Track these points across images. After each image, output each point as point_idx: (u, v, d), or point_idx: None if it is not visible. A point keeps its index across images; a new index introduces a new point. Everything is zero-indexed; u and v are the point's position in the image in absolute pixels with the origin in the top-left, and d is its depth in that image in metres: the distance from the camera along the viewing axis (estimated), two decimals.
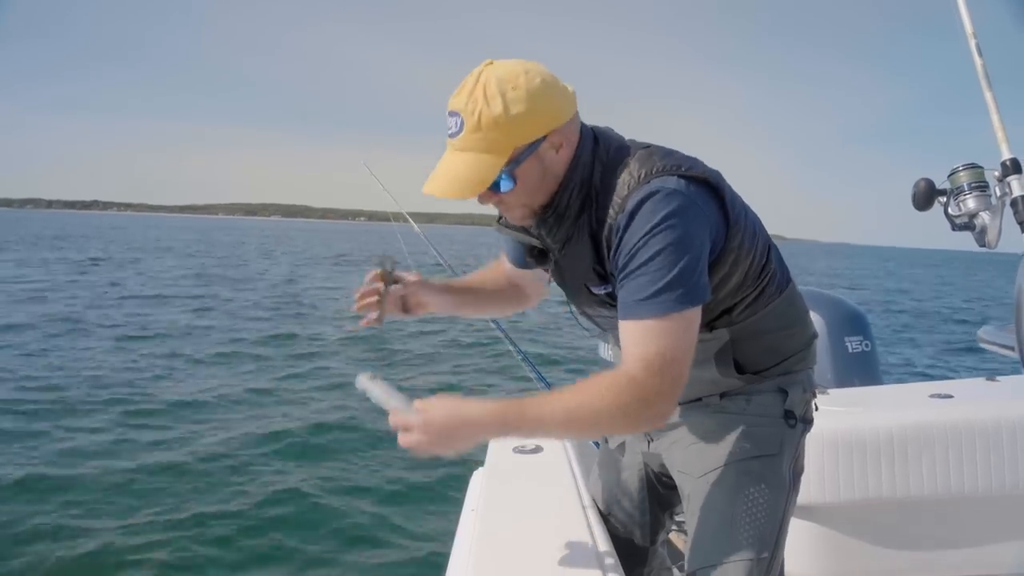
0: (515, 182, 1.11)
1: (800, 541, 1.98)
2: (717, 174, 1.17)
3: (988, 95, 1.50)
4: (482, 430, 1.06)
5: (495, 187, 1.12)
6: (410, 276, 1.42)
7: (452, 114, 1.10)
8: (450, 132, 1.11)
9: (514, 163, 1.09)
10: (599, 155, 1.16)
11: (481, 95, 1.06)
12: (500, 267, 1.52)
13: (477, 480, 1.73)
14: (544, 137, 1.10)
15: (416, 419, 1.03)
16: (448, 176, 1.10)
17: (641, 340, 1.06)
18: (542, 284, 1.49)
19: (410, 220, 3.27)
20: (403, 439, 1.04)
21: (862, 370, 2.68)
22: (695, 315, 1.08)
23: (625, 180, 1.11)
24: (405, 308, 1.41)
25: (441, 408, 1.04)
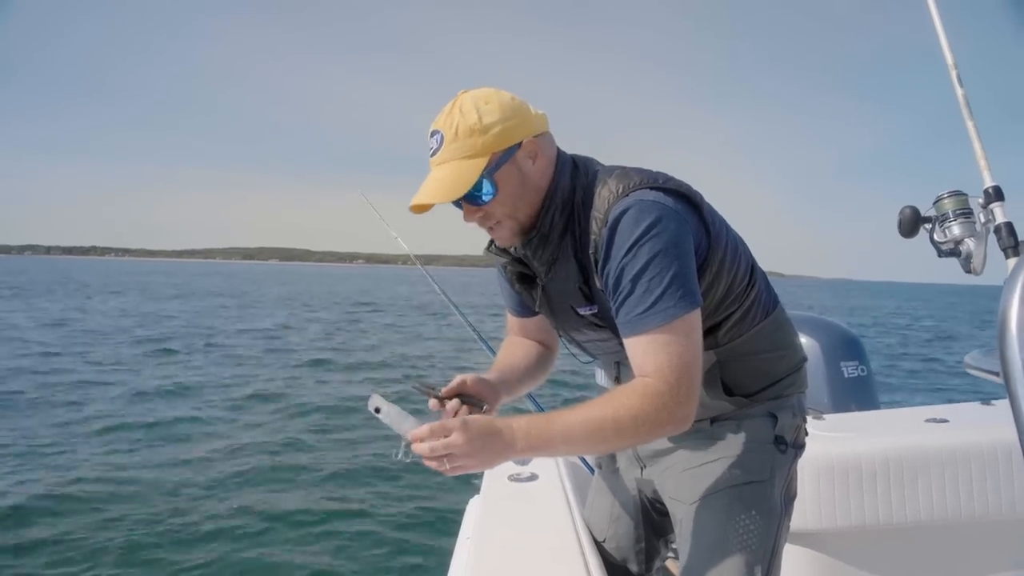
0: (496, 188, 1.16)
1: (797, 568, 1.97)
2: (694, 190, 1.21)
3: (970, 124, 1.54)
4: (512, 444, 1.06)
5: (479, 200, 1.16)
6: (468, 381, 1.29)
7: (433, 134, 1.17)
8: (431, 151, 1.17)
9: (493, 168, 1.15)
10: (579, 178, 1.21)
11: (458, 112, 1.15)
12: (514, 339, 1.53)
13: (472, 508, 1.73)
14: (518, 145, 1.16)
15: (458, 423, 1.03)
16: (433, 185, 1.15)
17: (651, 352, 1.09)
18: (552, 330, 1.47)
19: (414, 259, 3.23)
20: (438, 450, 1.02)
21: (859, 395, 2.67)
22: (696, 318, 1.11)
23: (605, 196, 1.15)
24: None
25: (477, 419, 1.07)
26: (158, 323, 18.28)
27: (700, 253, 1.17)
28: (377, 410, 1.11)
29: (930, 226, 1.55)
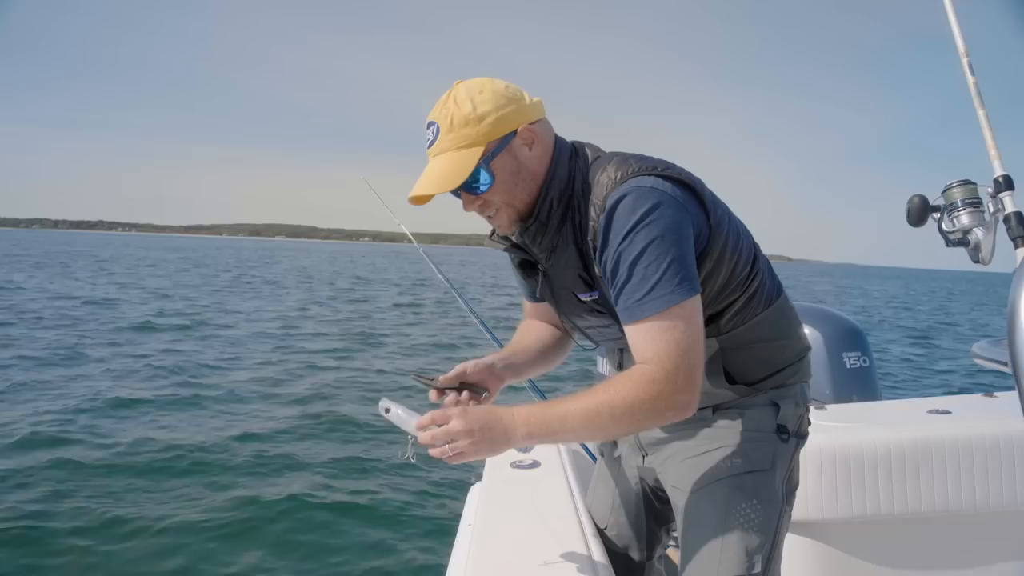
0: (493, 177, 1.16)
1: (798, 558, 1.97)
2: (695, 177, 1.20)
3: (981, 113, 1.52)
4: (511, 431, 1.07)
5: (476, 189, 1.17)
6: (468, 369, 1.31)
7: (429, 125, 1.18)
8: (428, 142, 1.18)
9: (489, 156, 1.15)
10: (578, 165, 1.21)
11: (453, 102, 1.15)
12: (530, 322, 1.53)
13: (474, 495, 1.73)
14: (514, 133, 1.16)
15: (457, 411, 1.05)
16: (430, 176, 1.16)
17: (650, 338, 1.08)
18: None
19: (412, 239, 3.29)
20: (439, 437, 1.05)
21: (861, 386, 2.68)
22: (695, 304, 1.10)
23: (603, 182, 1.14)
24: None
25: (478, 408, 1.08)
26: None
27: (700, 241, 1.16)
28: (387, 411, 1.13)
29: (938, 215, 1.54)
